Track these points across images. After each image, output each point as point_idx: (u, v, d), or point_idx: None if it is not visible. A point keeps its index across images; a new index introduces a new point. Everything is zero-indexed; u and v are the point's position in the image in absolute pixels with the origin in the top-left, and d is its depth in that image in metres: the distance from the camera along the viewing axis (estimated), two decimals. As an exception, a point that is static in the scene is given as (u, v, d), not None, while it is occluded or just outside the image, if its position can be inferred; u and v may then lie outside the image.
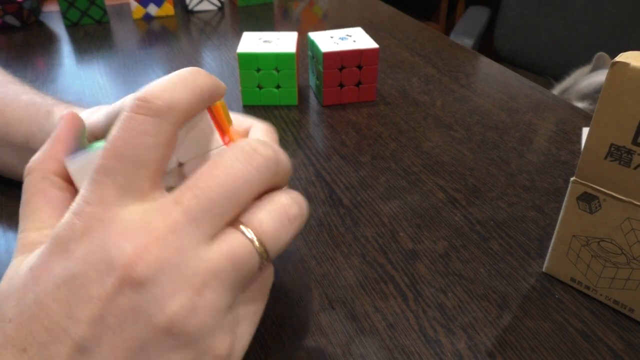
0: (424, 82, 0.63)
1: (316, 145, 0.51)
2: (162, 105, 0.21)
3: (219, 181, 0.20)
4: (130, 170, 0.20)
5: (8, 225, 0.40)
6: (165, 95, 0.21)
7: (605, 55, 0.96)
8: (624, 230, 0.31)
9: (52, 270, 0.20)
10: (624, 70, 0.27)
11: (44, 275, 0.20)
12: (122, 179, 0.20)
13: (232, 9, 0.90)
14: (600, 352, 0.31)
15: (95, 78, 0.65)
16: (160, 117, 0.21)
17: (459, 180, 0.46)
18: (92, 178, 0.21)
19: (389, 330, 0.32)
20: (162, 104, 0.21)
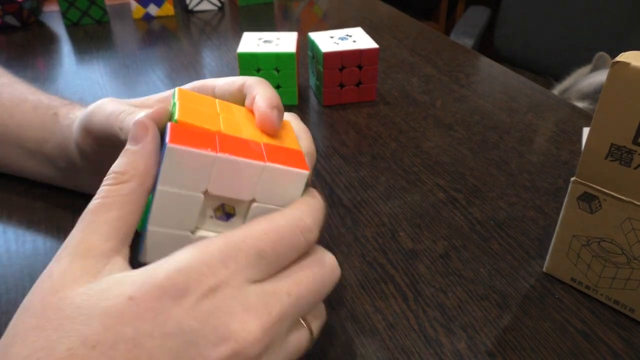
0: (424, 82, 0.63)
1: (316, 145, 0.51)
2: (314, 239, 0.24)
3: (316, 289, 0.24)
4: (273, 264, 0.23)
5: (8, 225, 0.40)
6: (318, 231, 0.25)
7: (605, 55, 0.96)
8: (625, 230, 0.31)
9: (162, 313, 0.19)
10: (625, 70, 0.27)
11: (150, 315, 0.19)
12: (266, 267, 0.22)
13: (232, 9, 0.90)
14: (600, 352, 0.31)
15: (95, 78, 0.65)
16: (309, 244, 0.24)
17: (459, 180, 0.46)
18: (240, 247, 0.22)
19: (389, 330, 0.32)
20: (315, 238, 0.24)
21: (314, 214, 0.24)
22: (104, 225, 0.22)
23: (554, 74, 1.29)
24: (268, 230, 0.23)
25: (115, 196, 0.23)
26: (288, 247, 0.23)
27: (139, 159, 0.24)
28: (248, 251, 0.22)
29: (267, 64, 0.54)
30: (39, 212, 0.41)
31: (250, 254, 0.22)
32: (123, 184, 0.23)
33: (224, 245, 0.22)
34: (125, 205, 0.23)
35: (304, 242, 0.24)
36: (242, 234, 0.22)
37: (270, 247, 0.22)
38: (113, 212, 0.23)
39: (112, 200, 0.23)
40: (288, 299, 0.22)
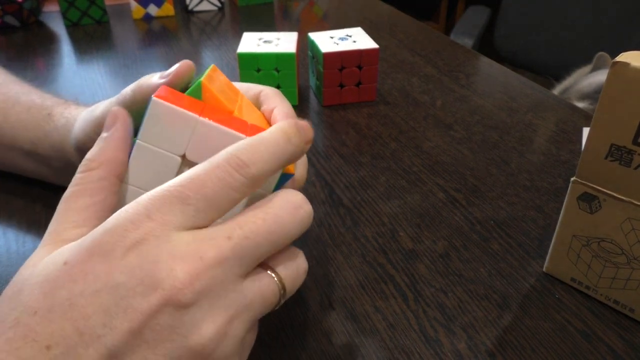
0: (424, 82, 0.63)
1: (316, 145, 0.51)
2: (258, 176, 0.23)
3: (269, 228, 0.22)
4: (202, 207, 0.22)
5: (8, 225, 0.40)
6: (262, 166, 0.23)
7: (605, 55, 0.96)
8: (624, 230, 0.31)
9: (92, 273, 0.20)
10: (625, 70, 0.27)
11: (81, 276, 0.20)
12: (194, 212, 0.21)
13: (232, 9, 0.90)
14: (600, 352, 0.31)
15: (95, 78, 0.65)
16: (251, 181, 0.23)
17: (459, 180, 0.46)
18: (165, 198, 0.21)
19: (389, 330, 0.32)
20: (258, 175, 0.23)
21: (254, 147, 0.23)
22: (76, 213, 0.23)
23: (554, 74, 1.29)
24: (193, 175, 0.22)
25: (85, 183, 0.24)
26: (219, 187, 0.22)
27: (107, 146, 0.25)
28: (171, 199, 0.21)
29: (267, 64, 0.54)
30: (39, 212, 0.41)
31: (173, 202, 0.21)
32: (92, 171, 0.24)
33: (148, 198, 0.21)
34: (97, 192, 0.24)
35: (240, 178, 0.22)
36: (167, 184, 0.22)
37: (194, 192, 0.21)
38: (85, 198, 0.24)
39: (83, 188, 0.24)
40: (228, 243, 0.21)
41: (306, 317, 0.33)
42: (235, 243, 0.21)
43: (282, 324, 0.32)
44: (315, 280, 0.35)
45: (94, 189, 0.24)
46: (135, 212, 0.21)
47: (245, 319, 0.22)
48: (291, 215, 0.23)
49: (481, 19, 1.41)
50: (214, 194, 0.22)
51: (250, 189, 0.23)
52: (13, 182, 0.44)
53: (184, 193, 0.21)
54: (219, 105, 0.26)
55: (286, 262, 0.24)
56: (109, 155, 0.25)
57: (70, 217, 0.23)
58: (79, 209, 0.23)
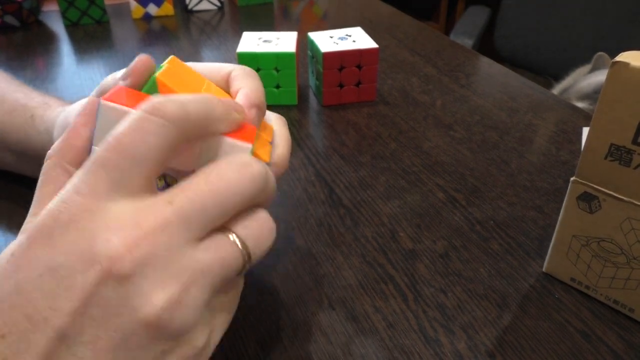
0: (424, 82, 0.63)
1: (316, 145, 0.51)
2: (174, 111, 0.21)
3: (213, 187, 0.21)
4: (127, 165, 0.21)
5: (8, 225, 0.40)
6: (176, 103, 0.22)
7: (605, 55, 0.96)
8: (624, 230, 0.31)
9: (34, 258, 0.20)
10: (624, 70, 0.27)
11: (26, 263, 0.20)
12: (118, 173, 0.21)
13: (232, 8, 0.90)
14: (600, 352, 0.31)
15: (95, 78, 0.65)
16: (169, 121, 0.21)
17: (459, 180, 0.46)
18: (87, 168, 0.21)
19: (389, 330, 0.32)
20: (174, 110, 0.21)
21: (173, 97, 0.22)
22: (39, 203, 0.24)
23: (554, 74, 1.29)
24: (110, 137, 0.21)
25: (45, 173, 0.25)
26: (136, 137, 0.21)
27: (64, 136, 0.26)
28: (94, 168, 0.21)
29: (266, 63, 0.54)
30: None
31: (97, 170, 0.20)
32: (48, 161, 0.25)
33: (76, 176, 0.21)
34: (54, 180, 0.24)
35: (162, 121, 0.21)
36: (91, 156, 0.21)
37: (113, 152, 0.20)
38: (47, 187, 0.24)
39: (44, 178, 0.25)
40: (169, 207, 0.20)
41: (306, 317, 0.33)
42: (178, 207, 0.20)
43: (282, 324, 0.32)
44: (315, 280, 0.35)
45: (52, 177, 0.25)
46: (65, 191, 0.21)
47: (204, 284, 0.21)
48: (238, 174, 0.22)
49: (481, 19, 1.41)
50: (132, 146, 0.21)
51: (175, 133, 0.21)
52: (13, 182, 0.44)
53: (104, 156, 0.21)
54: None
55: (246, 222, 0.23)
56: (63, 143, 0.26)
57: (37, 207, 0.24)
58: (42, 199, 0.24)
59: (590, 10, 1.28)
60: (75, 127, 0.26)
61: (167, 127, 0.21)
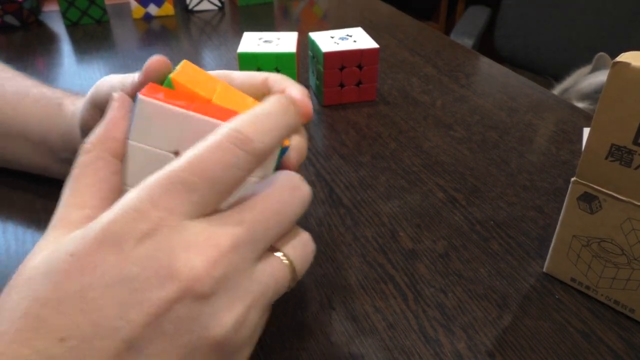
0: (424, 82, 0.63)
1: (316, 145, 0.51)
2: (260, 149, 0.22)
3: (274, 209, 0.22)
4: (208, 192, 0.21)
5: (8, 225, 0.40)
6: (265, 139, 0.22)
7: (605, 56, 0.96)
8: (625, 231, 0.31)
9: (102, 265, 0.20)
10: (625, 71, 0.27)
11: (91, 268, 0.20)
12: (198, 197, 0.21)
13: (232, 8, 0.90)
14: (600, 352, 0.31)
15: (95, 78, 0.65)
16: (254, 157, 0.22)
17: (459, 180, 0.46)
18: (166, 185, 0.21)
19: (389, 330, 0.32)
20: (263, 149, 0.22)
21: (258, 120, 0.22)
22: (78, 195, 0.23)
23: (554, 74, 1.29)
24: (192, 158, 0.21)
25: (84, 166, 0.24)
26: (224, 168, 0.21)
27: (103, 127, 0.25)
28: (176, 186, 0.20)
29: (267, 64, 0.54)
30: (39, 212, 0.41)
31: (178, 189, 0.20)
32: (89, 153, 0.24)
33: (151, 185, 0.21)
34: (95, 173, 0.24)
35: (244, 155, 0.21)
36: (169, 167, 0.21)
37: (198, 176, 0.21)
38: (86, 180, 0.23)
39: (82, 170, 0.24)
40: (240, 228, 0.21)
41: (306, 317, 0.33)
42: (247, 227, 0.21)
43: (282, 324, 0.32)
44: (315, 280, 0.35)
45: (93, 169, 0.24)
46: (139, 200, 0.20)
47: (261, 305, 0.22)
48: (292, 196, 0.23)
49: (481, 19, 1.41)
50: (219, 176, 0.21)
51: (255, 166, 0.22)
52: (13, 182, 0.44)
53: (189, 179, 0.21)
54: (195, 96, 0.25)
55: (293, 242, 0.24)
56: (103, 135, 0.25)
57: (73, 199, 0.23)
58: (81, 191, 0.23)
59: (590, 10, 1.28)
60: (114, 119, 0.25)
61: (253, 163, 0.22)
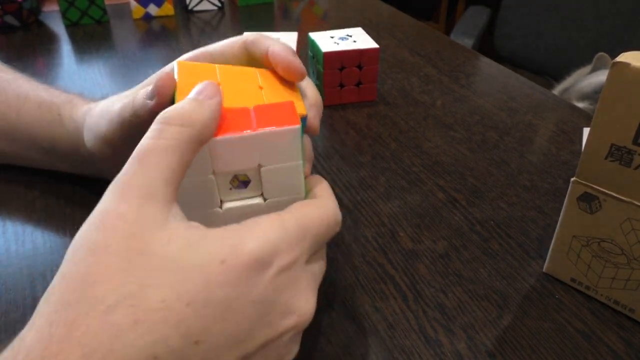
0: (424, 82, 0.63)
1: (316, 145, 0.51)
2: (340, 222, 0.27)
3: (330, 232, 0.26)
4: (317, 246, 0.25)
5: (8, 225, 0.40)
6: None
7: (605, 56, 0.96)
8: (624, 231, 0.31)
9: (249, 283, 0.21)
10: (625, 71, 0.27)
11: (240, 282, 0.21)
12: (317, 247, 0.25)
13: (232, 8, 0.90)
14: (600, 352, 0.31)
15: (95, 78, 0.65)
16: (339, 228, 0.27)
17: (459, 180, 0.46)
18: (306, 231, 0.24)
19: (389, 330, 0.32)
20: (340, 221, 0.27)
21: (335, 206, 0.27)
22: (165, 170, 0.21)
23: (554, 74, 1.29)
24: (323, 219, 0.25)
25: (174, 139, 0.22)
26: (330, 234, 0.26)
27: (205, 109, 0.23)
28: (312, 235, 0.24)
29: (267, 64, 0.54)
30: (39, 211, 0.41)
31: (312, 237, 0.24)
32: (183, 127, 0.22)
33: (297, 226, 0.23)
34: (184, 152, 0.22)
35: (335, 232, 0.26)
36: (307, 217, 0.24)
37: (322, 234, 0.25)
38: (174, 156, 0.22)
39: (170, 143, 0.22)
40: (320, 276, 0.26)
41: (306, 317, 0.33)
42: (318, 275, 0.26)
43: (282, 324, 0.32)
44: (315, 280, 0.35)
45: (182, 148, 0.22)
46: (288, 235, 0.23)
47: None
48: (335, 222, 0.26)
49: (481, 19, 1.41)
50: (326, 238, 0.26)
51: None
52: (13, 182, 0.44)
53: (319, 233, 0.24)
54: None
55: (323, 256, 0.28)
56: (203, 117, 0.23)
57: (160, 173, 0.21)
58: (168, 166, 0.22)
59: (590, 10, 1.28)
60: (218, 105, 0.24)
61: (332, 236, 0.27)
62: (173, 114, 0.23)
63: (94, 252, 0.19)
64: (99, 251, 0.19)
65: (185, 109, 0.23)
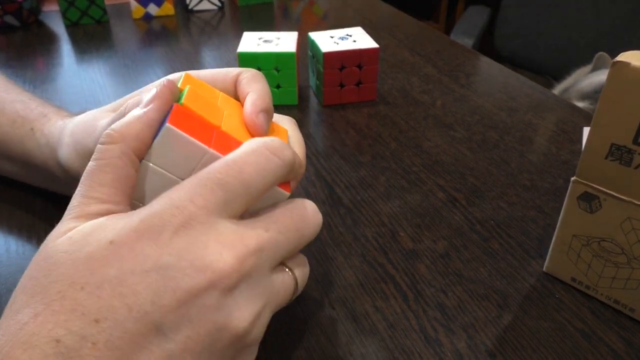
0: (424, 82, 0.63)
1: (316, 145, 0.51)
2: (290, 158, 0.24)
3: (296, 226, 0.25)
4: (241, 192, 0.23)
5: (8, 225, 0.40)
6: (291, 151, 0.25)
7: (605, 55, 0.96)
8: (625, 230, 0.31)
9: (141, 253, 0.21)
10: (625, 70, 0.27)
11: (130, 255, 0.21)
12: (232, 196, 0.23)
13: (232, 8, 0.90)
14: (600, 351, 0.31)
15: (95, 78, 0.65)
16: (286, 165, 0.24)
17: (459, 180, 0.46)
18: (204, 183, 0.22)
19: (389, 330, 0.32)
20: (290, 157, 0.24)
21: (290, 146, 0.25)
22: (100, 188, 0.23)
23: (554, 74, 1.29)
24: (231, 161, 0.23)
25: (109, 158, 0.24)
26: (259, 172, 0.23)
27: (137, 123, 0.24)
28: (212, 186, 0.22)
29: (267, 63, 0.54)
30: (39, 212, 0.41)
31: (214, 189, 0.22)
32: (114, 144, 0.24)
33: (190, 183, 0.22)
34: (120, 168, 0.24)
35: (279, 162, 0.24)
36: (207, 169, 0.23)
37: (233, 177, 0.23)
38: (109, 174, 0.24)
39: (106, 162, 0.24)
40: (266, 234, 0.23)
41: (306, 317, 0.33)
42: (271, 236, 0.23)
43: (282, 324, 0.32)
44: (315, 280, 0.35)
45: (118, 164, 0.24)
46: (178, 197, 0.22)
47: (272, 307, 0.24)
48: (313, 219, 0.25)
49: (481, 19, 1.41)
50: (253, 179, 0.23)
51: (285, 174, 0.24)
52: (13, 182, 0.44)
53: (224, 179, 0.22)
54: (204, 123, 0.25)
55: (299, 263, 0.26)
56: (134, 132, 0.24)
57: (94, 192, 0.23)
58: (103, 184, 0.23)
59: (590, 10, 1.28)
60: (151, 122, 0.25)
61: (282, 170, 0.24)
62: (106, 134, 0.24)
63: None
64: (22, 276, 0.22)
65: (119, 124, 0.25)
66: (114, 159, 0.24)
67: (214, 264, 0.21)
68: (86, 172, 0.24)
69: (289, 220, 0.24)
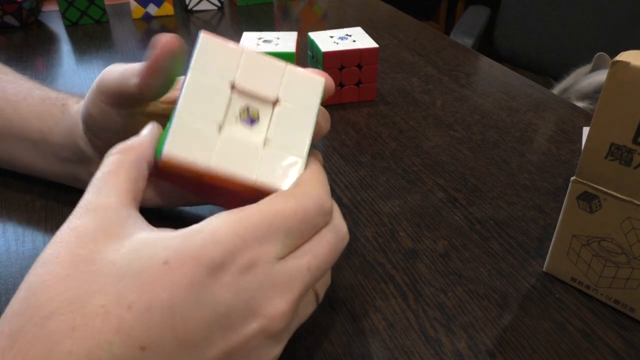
0: (424, 82, 0.63)
1: (316, 145, 0.51)
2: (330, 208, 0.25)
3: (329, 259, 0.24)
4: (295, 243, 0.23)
5: (8, 225, 0.40)
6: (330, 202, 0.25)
7: (605, 55, 0.96)
8: (624, 230, 0.31)
9: (198, 283, 0.20)
10: (625, 70, 0.27)
11: (185, 282, 0.20)
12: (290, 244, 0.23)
13: (231, 8, 0.90)
14: (600, 351, 0.31)
15: (94, 78, 0.64)
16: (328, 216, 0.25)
17: (459, 179, 0.46)
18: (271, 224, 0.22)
19: (389, 330, 0.32)
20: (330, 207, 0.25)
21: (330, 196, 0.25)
22: (116, 186, 0.23)
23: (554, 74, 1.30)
24: (297, 210, 0.23)
25: (120, 164, 0.24)
26: (311, 227, 0.24)
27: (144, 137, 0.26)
28: (279, 230, 0.22)
29: (266, 63, 0.54)
30: (39, 212, 0.41)
31: (280, 233, 0.22)
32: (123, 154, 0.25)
33: (258, 220, 0.22)
34: (132, 172, 0.24)
35: (322, 223, 0.24)
36: (274, 210, 0.23)
37: (297, 227, 0.23)
38: (121, 176, 0.24)
39: (118, 167, 0.24)
40: (308, 274, 0.23)
41: (306, 316, 0.33)
42: (312, 274, 0.23)
43: (282, 324, 0.32)
44: (315, 280, 0.35)
45: (130, 170, 0.24)
46: (245, 230, 0.21)
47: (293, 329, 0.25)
48: (343, 245, 0.26)
49: (481, 18, 1.41)
50: (307, 231, 0.24)
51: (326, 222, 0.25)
52: (13, 182, 0.44)
53: (290, 227, 0.23)
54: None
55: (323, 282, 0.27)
56: (145, 143, 0.25)
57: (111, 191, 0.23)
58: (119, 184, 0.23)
59: (590, 10, 1.28)
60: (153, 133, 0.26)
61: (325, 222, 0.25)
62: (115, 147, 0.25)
63: (44, 263, 0.20)
64: (49, 262, 0.20)
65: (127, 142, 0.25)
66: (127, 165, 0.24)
67: (267, 310, 0.21)
68: (98, 177, 0.24)
69: (327, 253, 0.24)
